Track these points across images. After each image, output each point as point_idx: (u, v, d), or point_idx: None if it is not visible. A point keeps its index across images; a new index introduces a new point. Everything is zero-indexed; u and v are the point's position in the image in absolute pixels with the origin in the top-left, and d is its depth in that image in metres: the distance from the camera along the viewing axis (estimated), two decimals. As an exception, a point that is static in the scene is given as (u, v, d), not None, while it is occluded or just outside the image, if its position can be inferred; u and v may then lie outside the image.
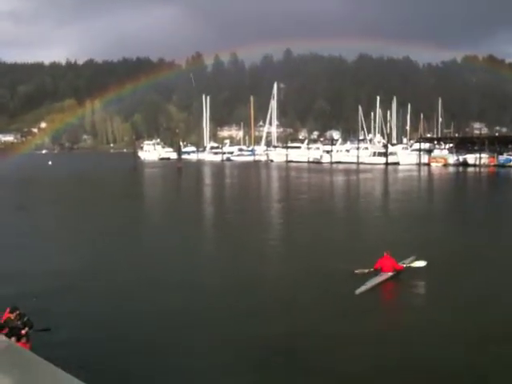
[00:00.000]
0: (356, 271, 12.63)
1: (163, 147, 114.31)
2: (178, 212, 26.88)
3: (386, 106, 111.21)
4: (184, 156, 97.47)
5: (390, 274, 12.42)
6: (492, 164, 67.97)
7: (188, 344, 8.90)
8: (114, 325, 9.69)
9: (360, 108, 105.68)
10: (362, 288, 11.51)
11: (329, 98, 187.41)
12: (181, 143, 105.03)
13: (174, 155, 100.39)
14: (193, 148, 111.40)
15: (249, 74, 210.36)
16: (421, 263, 13.10)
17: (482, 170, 63.35)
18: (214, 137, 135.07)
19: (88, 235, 19.24)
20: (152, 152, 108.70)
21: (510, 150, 70.87)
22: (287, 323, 9.82)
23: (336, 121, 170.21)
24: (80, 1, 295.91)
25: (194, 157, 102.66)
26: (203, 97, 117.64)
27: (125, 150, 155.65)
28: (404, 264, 13.04)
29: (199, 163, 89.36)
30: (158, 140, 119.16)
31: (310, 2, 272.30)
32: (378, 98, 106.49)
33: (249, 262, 14.80)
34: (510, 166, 65.58)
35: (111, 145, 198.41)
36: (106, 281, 12.83)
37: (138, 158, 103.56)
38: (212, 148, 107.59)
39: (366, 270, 12.57)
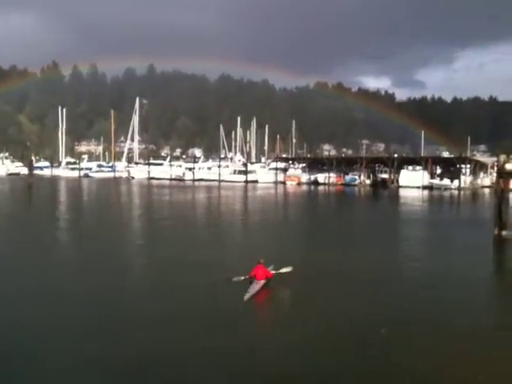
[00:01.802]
0: (233, 279, 13.52)
1: (12, 161, 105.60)
2: (21, 234, 25.01)
3: (246, 127, 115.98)
4: (36, 171, 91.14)
5: (263, 281, 13.48)
6: (339, 183, 74.86)
7: (45, 365, 8.65)
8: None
9: (221, 127, 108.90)
10: (247, 295, 12.49)
11: (192, 116, 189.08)
12: (32, 157, 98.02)
13: (24, 170, 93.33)
14: (46, 163, 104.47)
15: (110, 87, 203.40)
16: (287, 269, 14.44)
17: (331, 188, 69.48)
18: (70, 151, 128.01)
19: None
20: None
21: (354, 171, 78.67)
22: (197, 332, 10.10)
23: (199, 139, 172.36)
24: None
25: (47, 172, 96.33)
26: (59, 108, 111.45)
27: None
28: (273, 271, 14.23)
29: (54, 179, 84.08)
30: (7, 154, 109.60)
31: (173, 18, 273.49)
32: (239, 118, 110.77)
33: (119, 281, 14.50)
34: (354, 185, 72.80)
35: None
36: None
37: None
38: (68, 163, 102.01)
39: (242, 277, 13.57)
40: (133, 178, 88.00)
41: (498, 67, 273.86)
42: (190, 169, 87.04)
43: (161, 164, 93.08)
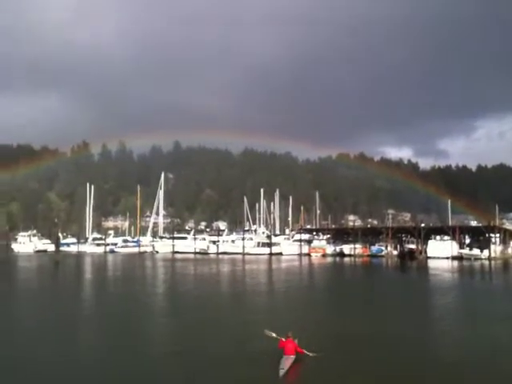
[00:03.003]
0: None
1: (40, 239, 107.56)
2: (48, 314, 24.73)
3: (269, 198, 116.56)
4: (63, 248, 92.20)
5: (293, 357, 13.35)
6: (365, 254, 73.29)
7: None
8: None
9: (245, 199, 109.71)
10: (281, 372, 12.54)
11: (216, 189, 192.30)
12: (59, 234, 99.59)
13: (51, 247, 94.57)
14: (73, 239, 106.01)
15: (137, 163, 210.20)
16: (313, 354, 13.78)
17: (357, 259, 67.90)
18: (98, 227, 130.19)
19: None
20: (27, 244, 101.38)
21: (380, 241, 77.26)
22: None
23: (223, 211, 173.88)
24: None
25: (74, 249, 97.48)
26: (87, 185, 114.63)
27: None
28: (302, 349, 13.86)
29: (80, 255, 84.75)
30: (35, 231, 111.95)
31: (198, 97, 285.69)
32: (262, 190, 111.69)
33: (151, 357, 14.17)
34: (381, 256, 71.16)
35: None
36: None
37: (12, 250, 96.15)
38: (95, 239, 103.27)
39: (274, 334, 14.39)
40: (157, 252, 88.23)
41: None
42: (214, 242, 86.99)
43: (185, 238, 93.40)
